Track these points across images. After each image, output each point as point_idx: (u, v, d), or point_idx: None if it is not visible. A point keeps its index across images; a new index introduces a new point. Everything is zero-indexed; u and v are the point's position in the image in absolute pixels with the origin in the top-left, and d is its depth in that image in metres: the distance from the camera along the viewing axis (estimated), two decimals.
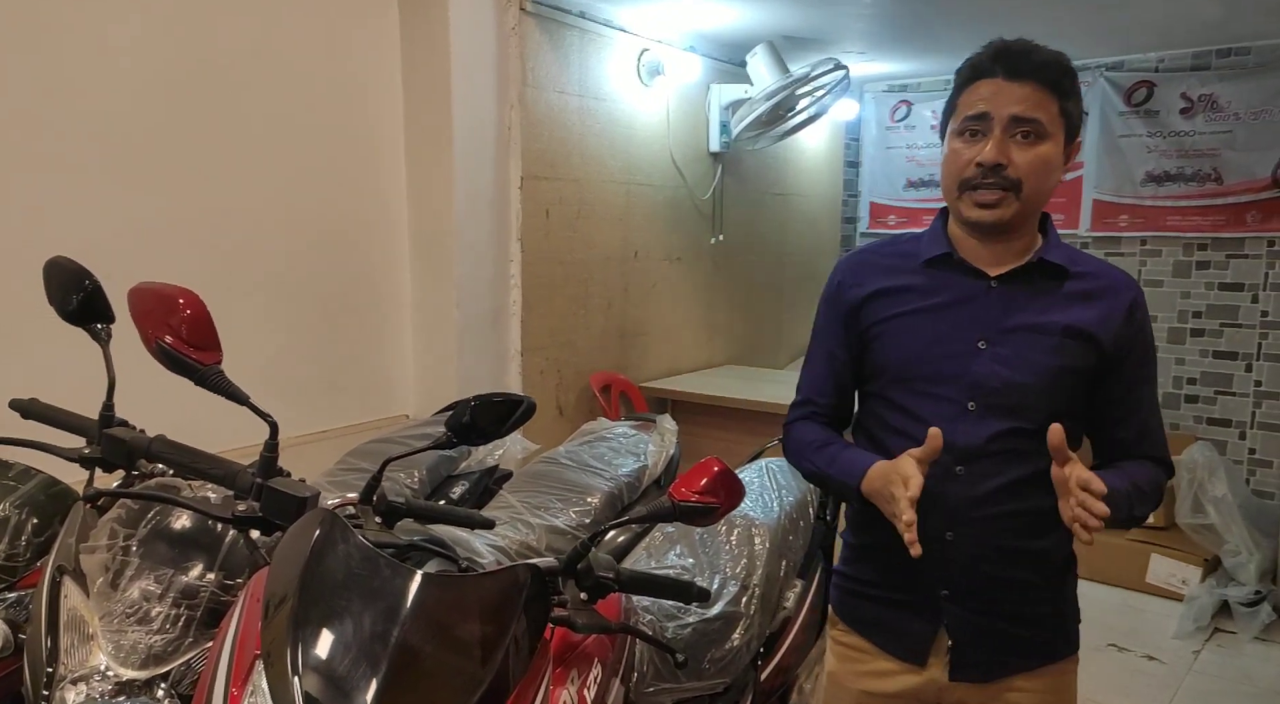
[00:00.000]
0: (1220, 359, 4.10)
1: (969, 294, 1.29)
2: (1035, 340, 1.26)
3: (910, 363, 1.31)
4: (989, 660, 1.32)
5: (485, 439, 1.30)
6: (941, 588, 1.31)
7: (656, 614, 1.56)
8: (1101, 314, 1.26)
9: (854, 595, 1.43)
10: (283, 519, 1.13)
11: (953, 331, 1.28)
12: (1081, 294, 1.27)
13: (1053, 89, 1.21)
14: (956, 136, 1.26)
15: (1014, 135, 1.21)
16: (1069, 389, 1.26)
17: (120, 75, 2.29)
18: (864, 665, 1.40)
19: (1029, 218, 1.28)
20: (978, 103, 1.23)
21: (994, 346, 1.26)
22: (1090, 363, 1.26)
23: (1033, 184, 1.22)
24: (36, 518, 1.40)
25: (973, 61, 1.26)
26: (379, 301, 2.99)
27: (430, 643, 0.95)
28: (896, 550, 1.26)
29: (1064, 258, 1.29)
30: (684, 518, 1.18)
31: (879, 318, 1.34)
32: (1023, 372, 1.25)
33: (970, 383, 1.27)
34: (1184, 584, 3.54)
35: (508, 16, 3.06)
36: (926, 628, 1.33)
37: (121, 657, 1.12)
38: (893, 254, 1.37)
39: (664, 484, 2.29)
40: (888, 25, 3.67)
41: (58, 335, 1.54)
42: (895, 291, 1.33)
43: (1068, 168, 1.29)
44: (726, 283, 4.35)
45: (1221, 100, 3.97)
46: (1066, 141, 1.25)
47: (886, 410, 1.35)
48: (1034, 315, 1.26)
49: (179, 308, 1.09)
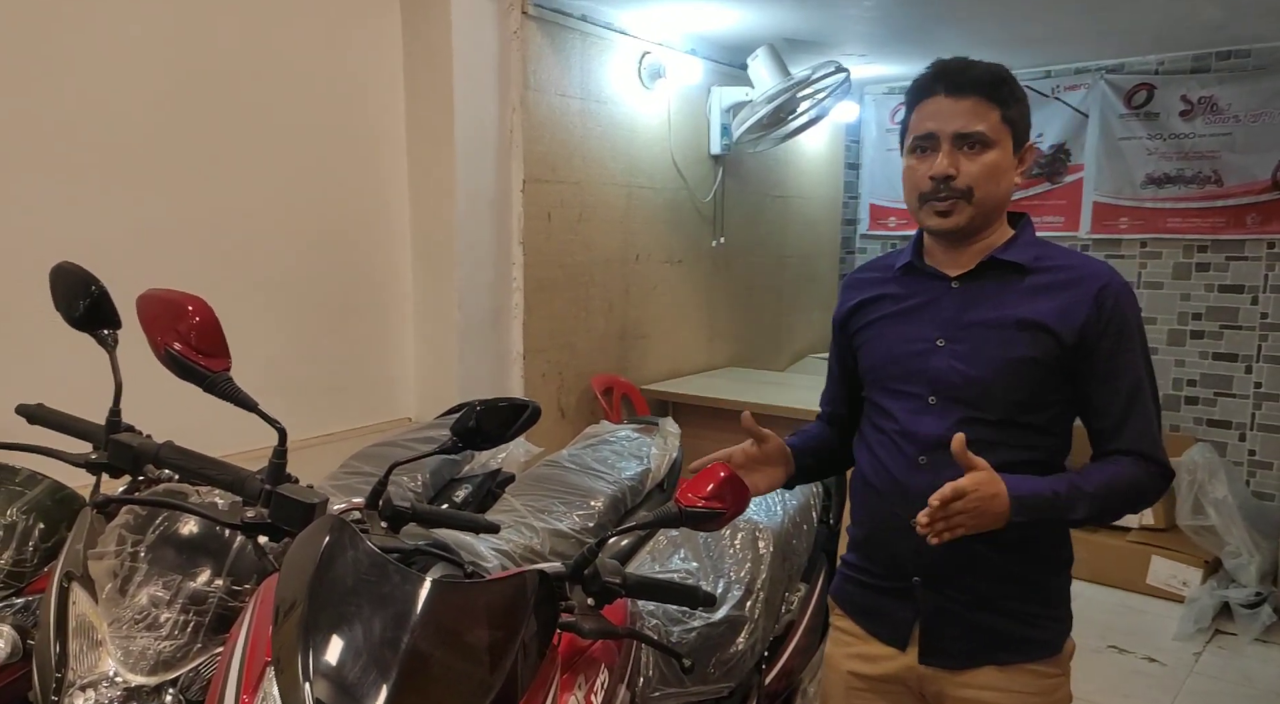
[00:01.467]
0: (1220, 361, 4.11)
1: (933, 296, 1.38)
2: (989, 335, 1.32)
3: (882, 364, 1.41)
4: (958, 648, 1.36)
5: (490, 444, 1.31)
6: (915, 575, 1.37)
7: (661, 618, 1.57)
8: (1061, 306, 1.29)
9: (849, 582, 1.49)
10: (291, 525, 1.13)
11: (916, 332, 1.38)
12: (1042, 288, 1.32)
13: (992, 100, 1.30)
14: (910, 155, 1.36)
15: (961, 147, 1.30)
16: (1027, 380, 1.30)
17: (123, 80, 2.29)
18: (853, 648, 1.45)
19: (987, 221, 1.35)
20: (925, 122, 1.32)
21: (951, 343, 1.34)
22: (1050, 354, 1.29)
23: (983, 190, 1.30)
24: (43, 523, 1.41)
25: (917, 83, 1.36)
26: (381, 304, 2.99)
27: (440, 649, 0.95)
28: (881, 540, 1.41)
29: (1025, 256, 1.34)
30: (690, 523, 1.18)
31: (860, 326, 1.46)
32: (978, 366, 1.31)
33: (930, 378, 1.34)
34: (1184, 586, 3.54)
35: (510, 20, 3.06)
36: (906, 614, 1.38)
37: (130, 663, 1.12)
38: (880, 267, 1.49)
39: (667, 487, 2.29)
40: (888, 27, 3.68)
41: (64, 341, 1.54)
42: (874, 301, 1.45)
43: (1019, 171, 1.35)
44: (727, 285, 4.36)
45: (1221, 102, 3.98)
46: (1017, 146, 1.33)
47: (870, 410, 1.46)
48: (989, 311, 1.33)
49: (188, 315, 1.10)
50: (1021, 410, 1.30)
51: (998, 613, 1.34)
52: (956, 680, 1.35)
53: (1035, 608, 1.36)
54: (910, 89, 1.37)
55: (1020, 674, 1.34)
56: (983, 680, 1.34)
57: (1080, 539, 3.92)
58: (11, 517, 1.39)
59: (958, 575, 1.34)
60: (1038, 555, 1.35)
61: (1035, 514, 1.25)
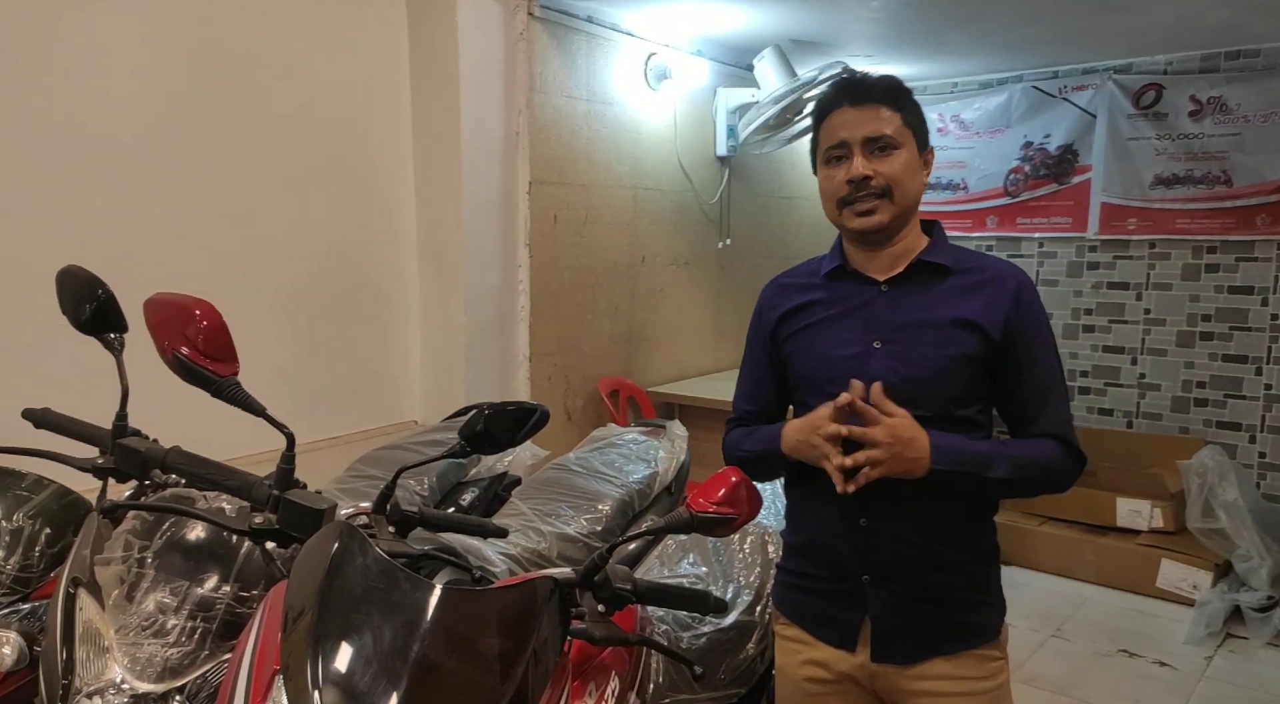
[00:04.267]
0: (1230, 362, 4.08)
1: (863, 300, 1.42)
2: (924, 335, 1.37)
3: (817, 369, 1.44)
4: (910, 644, 1.38)
5: (498, 448, 1.30)
6: (862, 574, 1.39)
7: (671, 624, 1.56)
8: (986, 303, 1.36)
9: (790, 588, 1.50)
10: (300, 531, 1.12)
11: (850, 335, 1.41)
12: (966, 288, 1.39)
13: (892, 106, 1.39)
14: (825, 165, 1.43)
15: (871, 152, 1.37)
16: (962, 376, 1.36)
17: (129, 85, 2.29)
18: (803, 655, 1.46)
19: (906, 220, 1.41)
20: (836, 132, 1.40)
21: (888, 345, 1.38)
22: (980, 350, 1.36)
23: (901, 188, 1.38)
24: (49, 528, 1.40)
25: (821, 100, 1.44)
26: (387, 308, 2.99)
27: (451, 657, 0.94)
28: (823, 543, 1.43)
29: (947, 258, 1.41)
30: (702, 529, 1.17)
31: (790, 333, 1.48)
32: (915, 365, 1.36)
33: (869, 381, 1.35)
34: (1195, 589, 3.52)
35: (515, 21, 3.05)
36: (853, 614, 1.40)
37: (137, 670, 1.11)
38: (802, 273, 1.53)
39: (675, 491, 2.28)
40: (895, 28, 3.66)
41: (71, 345, 1.54)
42: (802, 308, 1.48)
43: (927, 172, 1.43)
44: (733, 287, 4.34)
45: (1231, 103, 3.96)
46: (920, 148, 1.41)
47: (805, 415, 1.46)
48: (921, 312, 1.38)
49: (195, 319, 1.09)
50: (956, 405, 1.36)
51: (944, 604, 1.38)
52: (908, 674, 1.38)
53: (977, 596, 1.41)
54: (815, 108, 1.46)
55: (967, 661, 1.38)
56: (934, 671, 1.38)
57: (1088, 542, 3.92)
58: (18, 521, 1.38)
59: (904, 571, 1.37)
60: (974, 546, 1.41)
61: (955, 464, 1.30)
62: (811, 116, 1.48)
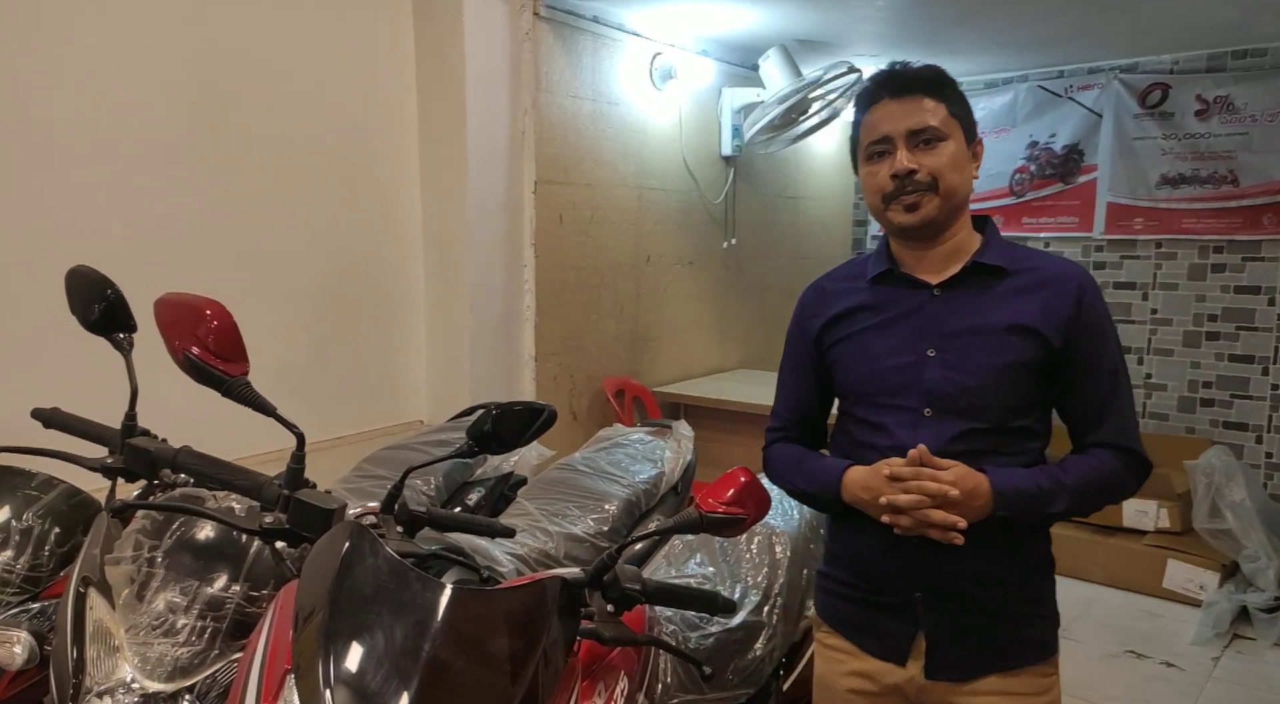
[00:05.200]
0: (1237, 362, 4.07)
1: (914, 305, 1.35)
2: (979, 342, 1.30)
3: (867, 379, 1.37)
4: (966, 659, 1.34)
5: (506, 448, 1.30)
6: (915, 590, 1.34)
7: (679, 624, 1.56)
8: (1043, 306, 1.29)
9: (837, 597, 1.45)
10: (310, 531, 1.12)
11: (902, 343, 1.34)
12: (1022, 289, 1.31)
13: (936, 96, 1.32)
14: (867, 162, 1.36)
15: (916, 145, 1.31)
16: (1019, 384, 1.30)
17: (137, 86, 2.29)
18: (847, 665, 1.42)
19: (955, 215, 1.34)
20: (877, 126, 1.33)
21: (942, 353, 1.31)
22: (1038, 356, 1.29)
23: (948, 181, 1.30)
24: (59, 528, 1.40)
25: (861, 95, 1.38)
26: (392, 307, 2.99)
27: (461, 657, 0.94)
28: (872, 557, 1.37)
29: (1002, 258, 1.33)
30: (711, 529, 1.17)
31: (836, 340, 1.41)
32: (971, 374, 1.30)
33: (923, 391, 1.32)
34: (1201, 590, 3.51)
35: (521, 21, 3.05)
36: (904, 629, 1.36)
37: (148, 669, 1.11)
38: (845, 277, 1.46)
39: (681, 491, 2.28)
40: (900, 28, 3.66)
41: (80, 345, 1.54)
42: (848, 313, 1.41)
43: (975, 166, 1.35)
44: (738, 287, 4.34)
45: (1238, 102, 3.95)
46: (968, 140, 1.34)
47: (854, 426, 1.41)
48: (976, 317, 1.31)
49: (206, 319, 1.09)
50: (1014, 415, 1.31)
51: (999, 619, 1.34)
52: (962, 690, 1.34)
53: (1032, 610, 1.36)
54: (855, 102, 1.39)
55: (1021, 678, 1.34)
56: (989, 688, 1.33)
57: (1095, 542, 3.90)
58: (27, 521, 1.38)
59: (957, 586, 1.33)
60: (1027, 559, 1.36)
61: (1018, 508, 1.26)
62: (854, 111, 1.40)
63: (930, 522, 1.24)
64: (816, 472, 1.41)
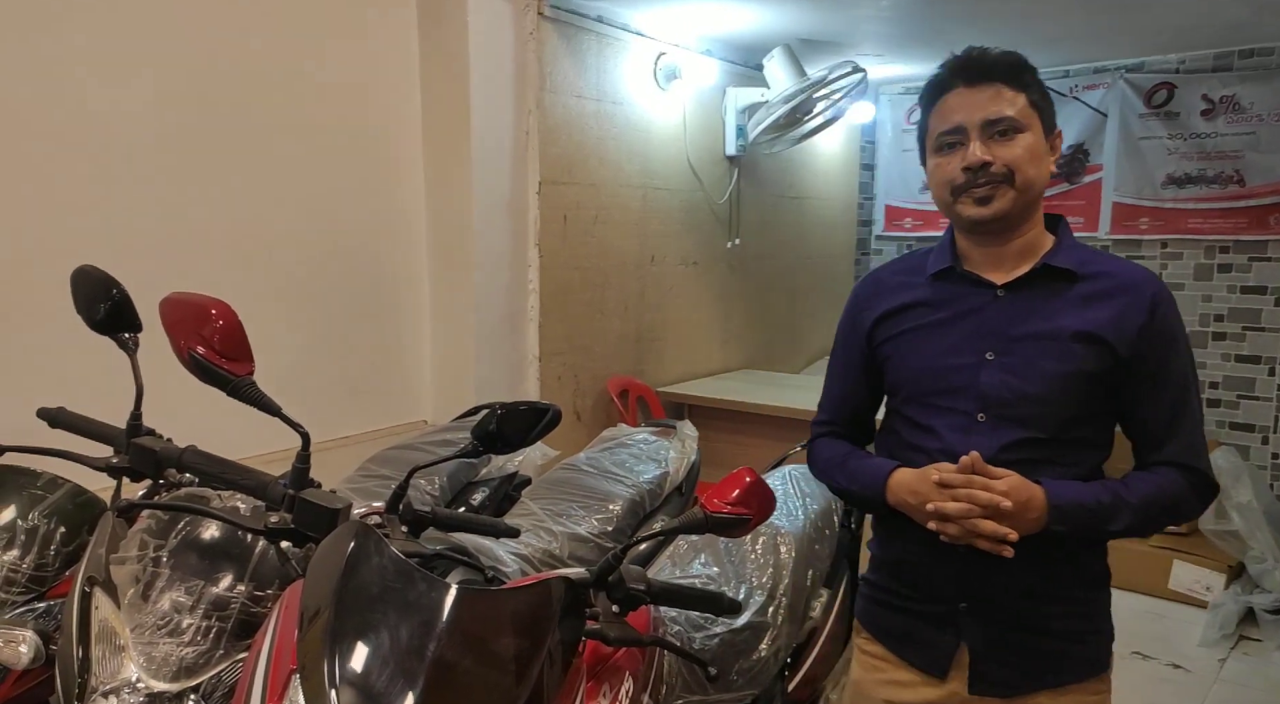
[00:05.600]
0: (1243, 363, 4.06)
1: (976, 305, 1.29)
2: (1043, 348, 1.24)
3: (920, 378, 1.32)
4: (1011, 676, 1.29)
5: (511, 448, 1.30)
6: (960, 600, 1.30)
7: (684, 625, 1.55)
8: (1115, 315, 1.23)
9: (877, 604, 1.42)
10: (315, 531, 1.12)
11: (960, 344, 1.28)
12: (1094, 296, 1.25)
13: (1015, 84, 1.24)
14: (936, 153, 1.28)
15: (991, 136, 1.23)
16: (1082, 395, 1.24)
17: (142, 86, 2.29)
18: (885, 675, 1.39)
19: (1028, 212, 1.27)
20: (950, 116, 1.26)
21: (1001, 357, 1.26)
22: (1105, 366, 1.23)
23: (1024, 175, 1.23)
24: (64, 527, 1.40)
25: (933, 81, 1.30)
26: (397, 307, 2.99)
27: (467, 657, 0.94)
28: (918, 563, 1.33)
29: (1074, 261, 1.27)
30: (716, 529, 1.17)
31: (889, 336, 1.35)
32: (1031, 381, 1.24)
33: (978, 394, 1.26)
34: (1208, 591, 3.50)
35: (525, 21, 3.05)
36: (947, 640, 1.31)
37: (153, 669, 1.11)
38: (903, 270, 1.39)
39: (686, 491, 2.27)
40: (904, 27, 3.65)
41: (85, 344, 1.54)
42: (904, 309, 1.34)
43: (1053, 160, 1.29)
44: (742, 287, 4.34)
45: (1244, 102, 3.94)
46: (1046, 131, 1.26)
47: (902, 426, 1.36)
48: (1041, 322, 1.25)
49: (212, 318, 1.09)
50: (1073, 425, 1.25)
51: (1048, 635, 1.29)
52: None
53: (1084, 626, 1.31)
54: (926, 88, 1.30)
55: (1073, 695, 1.30)
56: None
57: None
58: (33, 520, 1.38)
59: (1003, 598, 1.27)
60: (1082, 573, 1.30)
61: (1074, 523, 1.20)
62: (920, 98, 1.32)
63: (979, 532, 1.18)
64: (862, 471, 1.35)
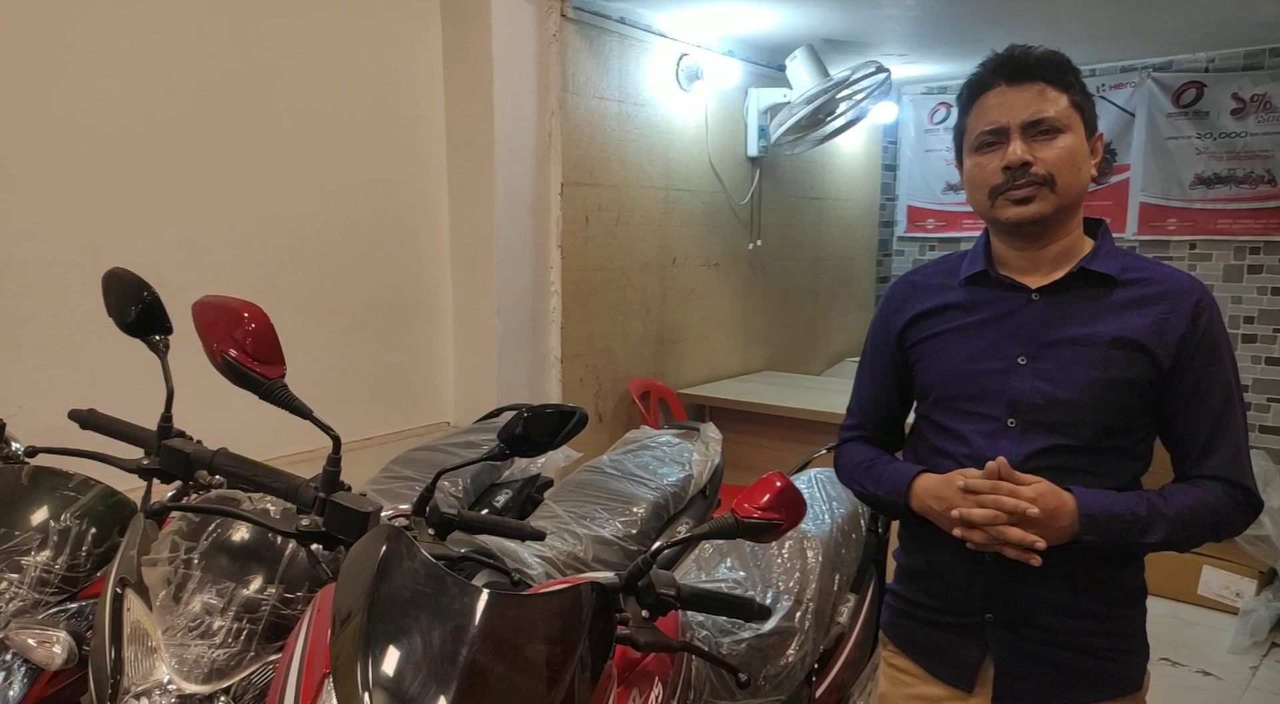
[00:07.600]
0: (1274, 365, 4.00)
1: (1008, 309, 1.26)
2: (1078, 354, 1.21)
3: (949, 382, 1.29)
4: (1038, 691, 1.26)
5: (537, 451, 1.29)
6: (985, 611, 1.27)
7: (711, 630, 1.54)
8: (1156, 321, 1.20)
9: (903, 616, 1.40)
10: (346, 534, 1.12)
11: (992, 348, 1.26)
12: (1134, 302, 1.21)
13: (1057, 84, 1.21)
14: (975, 152, 1.25)
15: (1032, 136, 1.20)
16: (1118, 403, 1.21)
17: (170, 88, 2.31)
18: (912, 689, 1.36)
19: (1068, 215, 1.24)
20: (989, 115, 1.23)
21: (1034, 362, 1.23)
22: (1144, 375, 1.20)
23: (1065, 177, 1.20)
24: (96, 528, 1.41)
25: (973, 80, 1.27)
26: (420, 309, 3.00)
27: (499, 663, 0.93)
28: (944, 572, 1.30)
29: (1114, 266, 1.24)
30: (747, 534, 1.16)
31: (920, 339, 1.34)
32: (1065, 387, 1.21)
33: (1009, 400, 1.23)
34: (1238, 597, 3.44)
35: (549, 23, 3.06)
36: (972, 652, 1.29)
37: (184, 671, 1.11)
38: (937, 273, 1.37)
39: (709, 494, 2.26)
40: (928, 27, 3.62)
41: (116, 346, 1.55)
42: (936, 312, 1.32)
43: (1094, 163, 1.25)
44: (764, 288, 4.32)
45: (1275, 101, 3.88)
46: (1088, 133, 1.24)
47: (930, 431, 1.34)
48: (1078, 327, 1.22)
49: (244, 322, 1.09)
50: (1109, 435, 1.21)
51: (1076, 650, 1.25)
52: None
53: (1114, 643, 1.27)
54: (965, 87, 1.27)
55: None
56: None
57: None
58: (65, 522, 1.39)
59: (1032, 612, 1.24)
60: (1115, 589, 1.27)
61: (1106, 534, 1.17)
62: (957, 97, 1.30)
63: (1005, 539, 1.15)
64: (886, 476, 1.33)
